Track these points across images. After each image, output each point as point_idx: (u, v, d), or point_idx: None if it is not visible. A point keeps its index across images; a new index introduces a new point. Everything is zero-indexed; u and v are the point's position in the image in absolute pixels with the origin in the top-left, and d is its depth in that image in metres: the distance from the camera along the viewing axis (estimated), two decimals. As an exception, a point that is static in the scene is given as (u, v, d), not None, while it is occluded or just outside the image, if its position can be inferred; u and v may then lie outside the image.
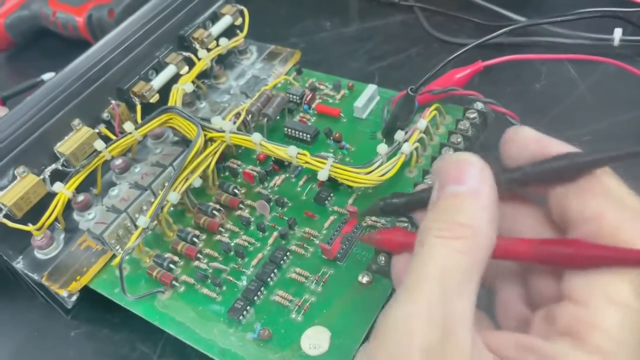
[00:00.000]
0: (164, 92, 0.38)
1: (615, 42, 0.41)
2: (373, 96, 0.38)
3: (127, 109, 0.37)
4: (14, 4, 0.55)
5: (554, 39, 0.43)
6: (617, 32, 0.40)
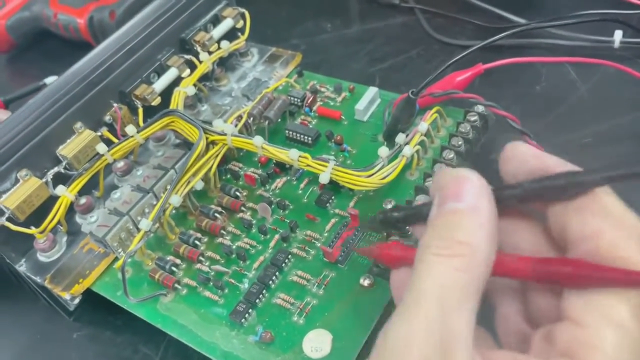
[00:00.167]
0: (166, 95, 0.38)
1: (615, 45, 0.41)
2: (374, 99, 0.39)
3: (129, 112, 0.38)
4: (15, 6, 0.55)
5: (554, 41, 0.43)
6: (618, 35, 0.40)
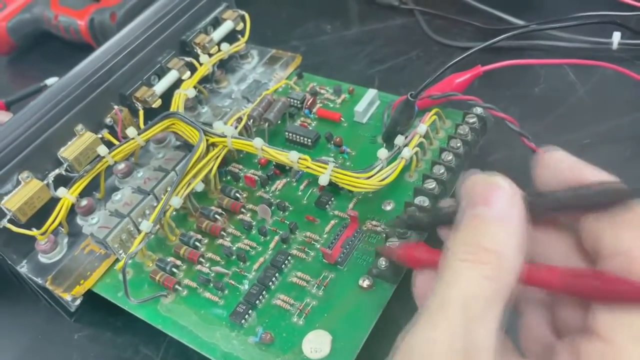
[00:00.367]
0: (166, 97, 0.38)
1: (614, 46, 0.41)
2: (373, 100, 0.39)
3: (130, 114, 0.38)
4: (16, 8, 0.55)
5: (553, 43, 0.43)
6: (616, 36, 0.41)
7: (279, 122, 0.39)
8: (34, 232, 0.33)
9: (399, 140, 0.33)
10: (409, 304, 0.22)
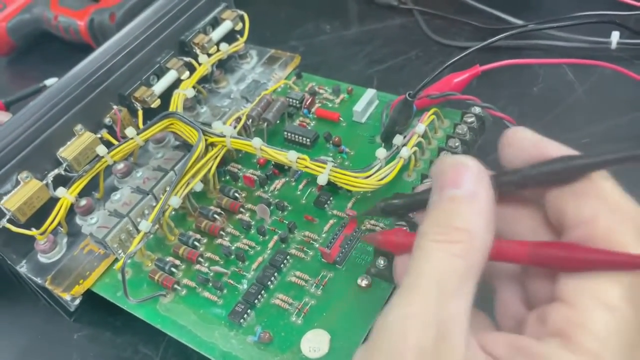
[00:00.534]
0: (165, 97, 0.38)
1: (612, 45, 0.41)
2: (372, 100, 0.39)
3: (129, 114, 0.38)
4: (16, 8, 0.55)
5: (551, 42, 0.43)
6: (615, 36, 0.41)
7: (278, 122, 0.39)
8: (33, 232, 0.33)
9: (398, 139, 0.33)
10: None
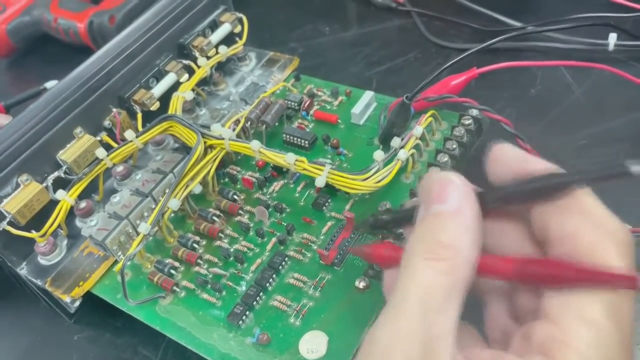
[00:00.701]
0: (165, 100, 0.38)
1: (610, 48, 0.41)
2: (370, 102, 0.39)
3: (128, 117, 0.38)
4: (16, 10, 0.55)
5: (549, 44, 0.43)
6: (612, 38, 0.41)
7: (277, 124, 0.39)
8: (33, 235, 0.33)
9: (396, 142, 0.33)
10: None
